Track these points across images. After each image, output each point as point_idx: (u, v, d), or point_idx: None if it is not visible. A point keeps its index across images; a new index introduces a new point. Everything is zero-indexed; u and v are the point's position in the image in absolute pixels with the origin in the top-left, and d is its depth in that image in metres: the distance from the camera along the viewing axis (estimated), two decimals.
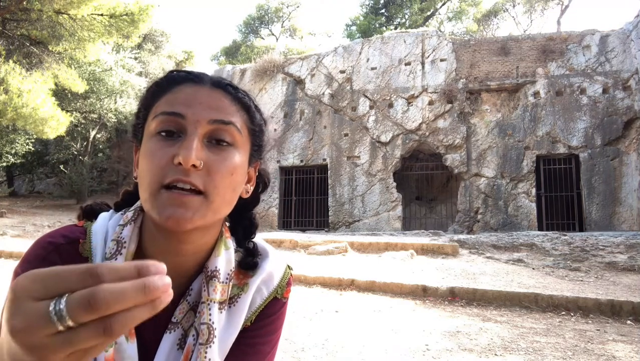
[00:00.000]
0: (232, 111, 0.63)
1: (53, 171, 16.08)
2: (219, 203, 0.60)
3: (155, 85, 0.65)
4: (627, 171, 9.48)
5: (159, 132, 0.60)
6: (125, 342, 0.59)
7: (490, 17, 23.53)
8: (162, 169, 0.57)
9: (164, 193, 0.56)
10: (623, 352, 3.00)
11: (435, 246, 7.00)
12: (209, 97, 0.62)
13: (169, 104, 0.61)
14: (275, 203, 11.74)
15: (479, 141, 10.55)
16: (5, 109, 8.18)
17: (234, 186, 0.62)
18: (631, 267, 5.84)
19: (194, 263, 0.66)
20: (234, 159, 0.62)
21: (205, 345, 0.62)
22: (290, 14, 28.29)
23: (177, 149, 0.58)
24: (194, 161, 0.56)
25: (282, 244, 7.52)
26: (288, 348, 2.98)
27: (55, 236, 0.64)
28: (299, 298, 4.49)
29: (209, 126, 0.60)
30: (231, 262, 0.68)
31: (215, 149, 0.61)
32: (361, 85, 11.52)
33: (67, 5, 8.83)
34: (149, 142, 0.60)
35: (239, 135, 0.63)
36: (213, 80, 0.65)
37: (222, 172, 0.60)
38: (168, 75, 0.66)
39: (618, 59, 9.97)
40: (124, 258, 0.62)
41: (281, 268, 0.76)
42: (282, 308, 0.74)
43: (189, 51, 21.40)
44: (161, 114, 0.60)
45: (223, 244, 0.68)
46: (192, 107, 0.60)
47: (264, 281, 0.72)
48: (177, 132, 0.60)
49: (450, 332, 3.42)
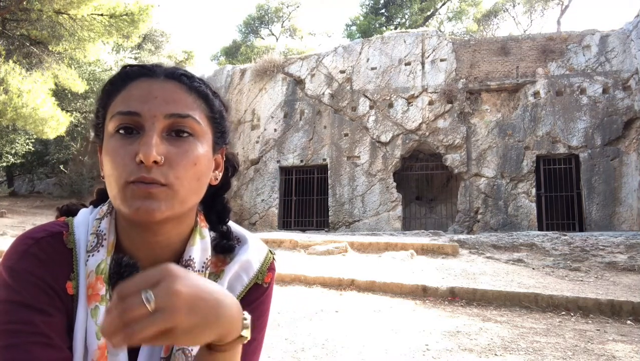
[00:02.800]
0: (189, 102, 0.63)
1: (53, 171, 16.08)
2: (184, 193, 0.60)
3: (110, 83, 0.65)
4: (627, 171, 9.48)
5: (117, 131, 0.60)
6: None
7: (490, 17, 23.53)
8: (125, 167, 0.58)
9: (130, 186, 0.57)
10: (623, 352, 3.00)
11: (435, 246, 7.00)
12: (164, 90, 0.62)
13: (124, 103, 0.61)
14: (275, 203, 11.74)
15: (479, 141, 10.55)
16: (5, 109, 8.18)
17: (199, 176, 0.62)
18: (631, 267, 5.84)
19: (171, 255, 0.66)
20: (195, 149, 0.62)
21: None
22: (290, 14, 28.29)
23: (137, 146, 0.58)
24: (154, 157, 0.57)
25: (282, 244, 7.52)
26: (288, 348, 2.98)
27: (36, 231, 0.64)
28: (299, 298, 4.49)
29: (166, 120, 0.60)
30: (207, 251, 0.68)
31: (175, 142, 0.61)
32: (361, 85, 11.52)
33: (67, 5, 8.83)
34: (109, 142, 0.61)
35: (198, 126, 0.63)
36: (167, 71, 0.65)
37: (184, 164, 0.60)
38: (121, 71, 0.66)
39: (618, 59, 9.97)
40: (106, 250, 0.63)
41: (261, 254, 0.75)
42: (264, 293, 0.73)
43: (189, 51, 21.42)
44: (118, 114, 0.60)
45: (198, 234, 0.68)
46: (148, 103, 0.60)
47: (242, 267, 0.71)
48: (136, 129, 0.60)
49: (450, 332, 3.42)
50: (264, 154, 12.08)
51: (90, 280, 0.61)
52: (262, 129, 12.23)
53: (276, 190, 11.80)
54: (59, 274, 0.61)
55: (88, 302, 0.61)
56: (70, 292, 0.61)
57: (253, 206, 11.90)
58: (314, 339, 3.19)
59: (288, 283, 5.13)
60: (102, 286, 0.61)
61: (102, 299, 0.60)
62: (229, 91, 13.06)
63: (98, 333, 0.59)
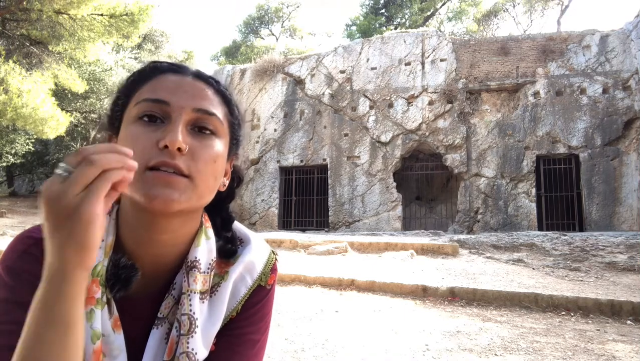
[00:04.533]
0: (215, 102, 0.64)
1: (53, 171, 16.04)
2: (203, 188, 0.60)
3: (138, 73, 0.65)
4: (627, 171, 9.48)
5: (141, 118, 0.59)
6: (112, 333, 0.60)
7: (490, 17, 23.53)
8: (146, 152, 0.57)
9: (149, 173, 0.56)
10: (623, 352, 3.00)
11: (435, 246, 7.00)
12: (193, 86, 0.63)
13: (153, 91, 0.61)
14: (275, 203, 11.74)
15: (479, 141, 10.55)
16: (5, 109, 8.17)
17: (216, 175, 0.63)
18: (631, 267, 5.84)
19: (175, 256, 0.65)
20: (216, 146, 0.62)
21: (187, 335, 0.61)
22: (290, 14, 28.30)
23: (161, 133, 0.58)
24: (180, 144, 0.56)
25: (282, 244, 7.52)
26: (288, 348, 2.98)
27: (35, 231, 0.64)
28: (299, 298, 4.49)
29: (193, 114, 0.60)
30: (212, 252, 0.68)
31: (198, 137, 0.61)
32: (361, 85, 11.52)
33: (67, 5, 8.82)
34: (130, 127, 0.60)
35: (220, 126, 0.63)
36: (195, 72, 0.66)
37: (206, 158, 0.60)
38: (150, 64, 0.66)
39: (618, 59, 9.97)
40: (103, 251, 0.61)
41: (264, 255, 0.74)
42: (267, 295, 0.73)
43: (189, 51, 21.43)
44: (145, 101, 0.60)
45: (203, 234, 0.67)
46: (177, 95, 0.60)
47: (246, 269, 0.71)
48: (160, 118, 0.60)
49: (450, 332, 3.42)
50: (264, 154, 12.08)
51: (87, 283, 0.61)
52: (262, 129, 12.23)
53: (276, 190, 11.80)
54: None
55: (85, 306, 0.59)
56: None
57: (253, 206, 11.90)
58: (314, 339, 3.19)
59: (288, 283, 5.13)
60: (98, 289, 0.59)
61: (98, 302, 0.58)
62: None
63: (93, 337, 0.57)
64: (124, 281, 0.61)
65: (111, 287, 0.60)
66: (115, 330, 0.60)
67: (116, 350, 0.60)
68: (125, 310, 0.63)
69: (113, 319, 0.60)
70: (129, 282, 0.61)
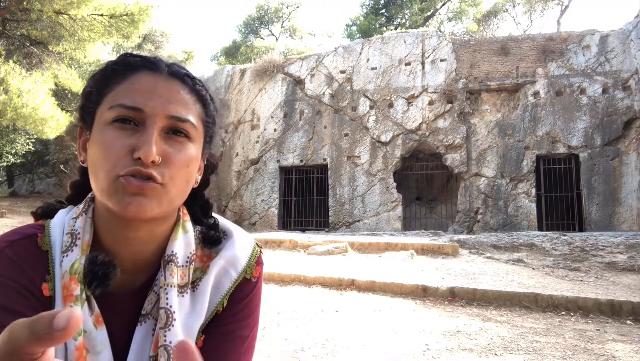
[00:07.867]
0: (190, 104, 0.64)
1: (53, 171, 16.08)
2: (175, 193, 0.61)
3: (111, 70, 0.64)
4: (627, 171, 9.48)
5: (114, 121, 0.59)
6: (94, 330, 0.60)
7: (490, 17, 23.52)
8: (119, 160, 0.57)
9: (122, 181, 0.56)
10: (623, 352, 3.00)
11: (435, 246, 7.00)
12: (167, 89, 0.62)
13: (128, 96, 0.60)
14: (275, 203, 11.74)
15: (479, 141, 10.55)
16: (5, 109, 8.17)
17: (188, 178, 0.63)
18: (631, 267, 5.84)
19: (153, 252, 0.66)
20: (189, 151, 0.62)
21: (164, 329, 0.61)
22: (290, 14, 28.27)
23: (135, 141, 0.58)
24: (154, 158, 0.57)
25: (282, 244, 7.52)
26: (288, 348, 2.97)
27: (9, 234, 0.64)
28: (299, 298, 4.49)
29: (167, 121, 0.61)
30: (190, 245, 0.68)
31: (172, 141, 0.61)
32: (361, 85, 11.51)
33: (67, 5, 8.82)
34: (104, 132, 0.60)
35: (194, 130, 0.64)
36: (170, 69, 0.65)
37: (179, 164, 0.60)
38: (124, 59, 0.65)
39: (618, 59, 9.97)
40: (80, 249, 0.62)
41: (248, 247, 0.74)
42: (254, 289, 0.72)
43: (189, 51, 21.41)
44: (119, 106, 0.60)
45: (181, 228, 0.68)
46: (152, 100, 0.60)
47: (229, 262, 0.70)
48: (134, 122, 0.60)
49: (450, 332, 3.42)
50: (264, 154, 12.08)
51: (65, 281, 0.60)
52: (262, 129, 12.23)
53: (276, 190, 11.80)
54: (34, 277, 0.60)
55: (63, 303, 0.60)
56: (47, 294, 0.60)
57: (253, 206, 11.90)
58: (314, 339, 3.18)
59: (288, 283, 5.13)
60: (76, 286, 0.59)
61: (77, 299, 0.59)
62: (229, 91, 13.06)
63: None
64: (102, 278, 0.61)
65: (89, 284, 0.60)
66: (97, 326, 0.60)
67: (99, 345, 0.60)
68: (109, 306, 0.63)
69: (94, 315, 0.61)
70: (107, 278, 0.61)
